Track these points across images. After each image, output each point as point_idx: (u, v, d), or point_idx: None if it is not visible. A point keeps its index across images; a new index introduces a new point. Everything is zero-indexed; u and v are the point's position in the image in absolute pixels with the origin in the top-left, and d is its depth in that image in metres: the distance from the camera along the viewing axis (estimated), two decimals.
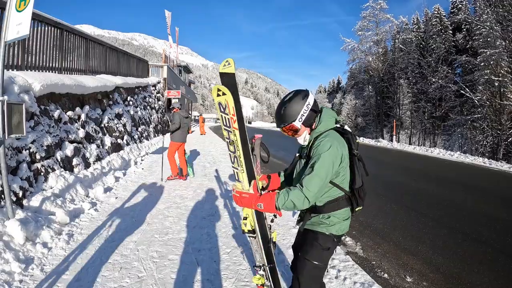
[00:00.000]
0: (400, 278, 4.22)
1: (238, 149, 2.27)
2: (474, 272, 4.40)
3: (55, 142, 7.24)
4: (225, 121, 2.23)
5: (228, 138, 2.27)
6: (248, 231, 2.49)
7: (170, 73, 29.21)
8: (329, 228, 2.39)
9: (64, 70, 10.08)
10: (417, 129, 40.35)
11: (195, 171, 10.47)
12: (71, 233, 5.16)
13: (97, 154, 9.38)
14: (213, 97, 2.18)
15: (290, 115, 2.35)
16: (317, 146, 2.28)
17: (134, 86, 17.32)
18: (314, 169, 2.19)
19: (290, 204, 2.18)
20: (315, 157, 2.25)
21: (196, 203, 7.11)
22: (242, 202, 2.32)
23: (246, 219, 2.48)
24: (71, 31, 10.53)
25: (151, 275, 3.93)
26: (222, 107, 2.18)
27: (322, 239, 2.40)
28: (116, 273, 3.97)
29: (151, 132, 19.28)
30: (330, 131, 2.39)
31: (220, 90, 2.11)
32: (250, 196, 2.29)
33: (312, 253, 2.41)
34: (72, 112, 8.58)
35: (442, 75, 35.35)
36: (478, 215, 6.84)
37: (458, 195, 8.57)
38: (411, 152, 19.86)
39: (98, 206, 6.64)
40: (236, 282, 3.83)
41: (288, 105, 2.36)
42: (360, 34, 43.97)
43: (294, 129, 2.39)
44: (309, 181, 2.17)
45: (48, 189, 6.28)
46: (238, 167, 2.34)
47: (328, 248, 2.42)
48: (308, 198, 2.16)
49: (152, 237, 5.15)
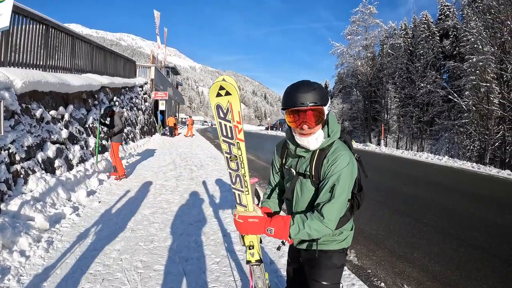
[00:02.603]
0: (397, 287, 4.08)
1: (243, 166, 1.82)
2: (472, 279, 4.30)
3: (36, 143, 6.95)
4: (225, 130, 1.74)
5: (228, 152, 1.81)
6: (256, 261, 2.05)
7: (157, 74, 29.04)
8: (341, 244, 2.14)
9: (49, 68, 9.79)
10: (404, 134, 40.55)
11: (182, 175, 10.39)
12: (51, 240, 4.86)
13: (80, 156, 9.07)
14: (210, 98, 1.68)
15: (323, 96, 1.86)
16: (334, 162, 1.90)
17: (120, 86, 17.12)
18: (336, 195, 1.86)
19: (305, 235, 1.88)
20: (333, 176, 1.88)
21: (183, 208, 6.87)
22: (249, 228, 1.93)
23: (252, 248, 2.03)
24: (57, 28, 10.24)
25: None
26: (222, 111, 1.68)
27: (337, 257, 2.14)
28: (98, 285, 3.69)
29: (137, 133, 19.05)
30: (337, 140, 2.02)
31: (224, 88, 1.61)
32: (260, 220, 1.92)
33: (327, 275, 2.11)
34: (55, 112, 8.27)
35: (430, 80, 35.54)
36: (471, 220, 6.79)
37: (450, 199, 8.49)
38: (399, 156, 19.98)
39: (81, 211, 6.35)
40: None
41: (319, 86, 1.89)
42: (349, 38, 43.99)
43: (318, 117, 1.87)
44: (331, 210, 1.85)
45: (28, 193, 5.99)
46: (242, 188, 1.90)
47: (341, 265, 2.17)
48: (331, 228, 1.88)
49: (136, 245, 4.88)
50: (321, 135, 1.94)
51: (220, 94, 1.63)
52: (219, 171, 11.45)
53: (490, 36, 27.87)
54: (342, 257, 2.16)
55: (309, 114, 1.85)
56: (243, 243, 2.06)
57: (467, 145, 30.17)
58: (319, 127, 1.91)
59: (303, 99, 1.82)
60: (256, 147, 22.26)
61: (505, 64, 26.85)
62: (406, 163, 16.70)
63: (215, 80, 1.64)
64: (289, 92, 1.90)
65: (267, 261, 4.35)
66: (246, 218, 1.92)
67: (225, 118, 1.71)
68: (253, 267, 2.08)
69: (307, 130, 1.88)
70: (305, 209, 2.06)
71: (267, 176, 2.94)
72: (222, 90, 1.62)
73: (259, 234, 1.97)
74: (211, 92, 1.65)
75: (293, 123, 1.91)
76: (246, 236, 2.02)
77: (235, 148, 1.78)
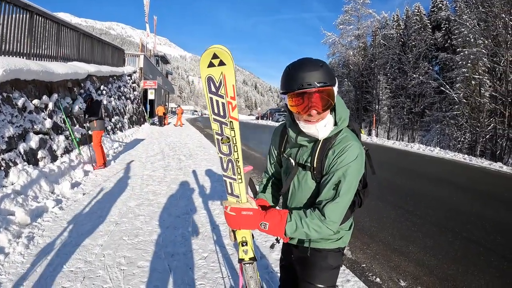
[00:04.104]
0: (393, 283, 3.96)
1: (237, 150, 1.57)
2: (469, 273, 4.21)
3: (18, 133, 6.70)
4: (217, 107, 1.48)
5: (220, 133, 1.55)
6: (250, 258, 1.80)
7: (146, 63, 28.77)
8: (337, 242, 1.91)
9: (34, 56, 9.53)
10: (395, 124, 40.63)
11: (170, 165, 10.31)
12: (32, 235, 4.64)
13: (65, 146, 8.80)
14: (201, 69, 1.41)
15: (331, 75, 1.58)
16: (341, 154, 1.65)
17: (108, 75, 16.85)
18: (341, 193, 1.62)
19: (302, 235, 1.65)
20: (339, 170, 1.63)
21: (171, 200, 6.67)
22: (242, 222, 1.68)
23: (245, 244, 1.79)
24: (42, 14, 9.94)
25: (118, 286, 3.46)
26: (214, 84, 1.43)
27: (332, 257, 1.91)
28: (78, 283, 3.48)
29: (126, 123, 18.79)
30: (345, 129, 1.76)
31: (218, 56, 1.36)
32: (255, 213, 1.67)
33: (322, 276, 1.90)
34: (38, 101, 8.00)
35: (422, 71, 35.59)
36: (466, 213, 6.70)
37: (443, 191, 8.43)
38: (390, 147, 19.94)
39: (64, 204, 6.11)
40: None
41: (325, 63, 1.60)
42: (341, 28, 43.50)
43: (326, 101, 1.57)
44: (335, 211, 1.62)
45: (9, 186, 5.75)
46: (235, 175, 1.65)
47: (337, 266, 1.96)
48: (333, 230, 1.65)
49: (120, 239, 4.67)
50: (331, 121, 1.68)
51: (212, 64, 1.38)
52: (208, 160, 11.28)
53: (483, 29, 27.90)
54: (339, 257, 1.95)
55: (316, 97, 1.55)
56: (234, 238, 1.81)
57: (458, 136, 30.42)
58: (327, 112, 1.64)
59: (309, 78, 1.53)
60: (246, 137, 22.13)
61: (498, 57, 26.91)
62: (397, 154, 16.67)
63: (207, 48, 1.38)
64: (291, 72, 1.60)
65: (257, 256, 4.18)
66: (240, 211, 1.67)
67: (217, 93, 1.45)
68: (245, 266, 1.83)
69: (316, 115, 1.60)
70: (302, 206, 1.84)
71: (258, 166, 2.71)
72: (216, 59, 1.37)
73: (252, 229, 1.72)
74: (202, 61, 1.39)
75: (297, 108, 1.61)
76: (238, 231, 1.77)
77: (228, 128, 1.52)
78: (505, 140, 26.25)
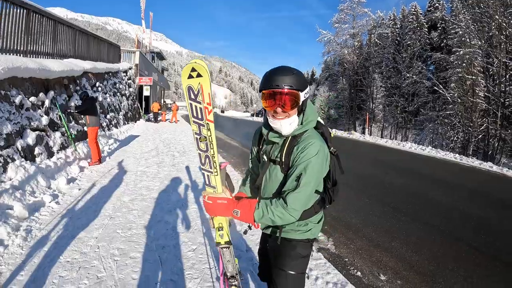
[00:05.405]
0: (373, 276, 4.16)
1: (212, 147, 1.89)
2: (448, 269, 4.39)
3: (15, 130, 6.87)
4: (195, 111, 1.79)
5: (198, 133, 1.86)
6: (225, 242, 2.09)
7: (142, 59, 28.79)
8: (306, 234, 2.14)
9: (30, 53, 9.66)
10: (389, 123, 40.80)
11: (164, 161, 10.48)
12: (30, 228, 4.84)
13: (61, 143, 8.97)
14: (182, 80, 1.72)
15: (300, 82, 1.89)
16: (303, 150, 1.91)
17: (104, 71, 16.96)
18: (302, 184, 1.86)
19: (268, 221, 1.90)
20: (301, 164, 1.89)
21: (163, 195, 6.88)
22: (218, 210, 1.97)
23: (221, 229, 2.07)
24: (39, 12, 10.03)
25: (111, 275, 3.69)
26: (193, 92, 1.74)
27: (301, 247, 2.16)
28: (74, 273, 3.70)
29: (121, 119, 18.92)
30: (311, 129, 2.03)
31: (195, 70, 1.67)
32: (228, 201, 1.95)
33: (291, 263, 2.15)
34: (35, 98, 8.15)
35: (416, 71, 35.79)
36: (452, 211, 6.85)
37: (431, 190, 8.57)
38: (383, 145, 20.01)
39: (60, 199, 6.31)
40: (201, 283, 3.63)
41: (298, 72, 1.92)
42: (336, 26, 43.44)
43: (293, 102, 1.89)
44: (296, 199, 1.86)
45: (7, 181, 5.93)
46: (211, 168, 1.96)
47: (306, 255, 2.20)
48: (294, 217, 1.89)
49: (114, 232, 4.89)
50: (296, 121, 1.96)
51: (191, 76, 1.69)
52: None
53: (478, 29, 28.14)
54: (307, 247, 2.19)
55: (284, 98, 1.87)
56: (213, 225, 2.09)
57: (451, 136, 30.63)
58: (294, 112, 1.93)
59: (279, 81, 1.85)
60: (239, 134, 22.30)
61: (492, 58, 27.20)
62: (389, 152, 16.79)
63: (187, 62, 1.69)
64: (267, 75, 1.92)
65: (244, 249, 4.41)
66: (215, 199, 1.96)
67: (196, 100, 1.76)
68: (223, 250, 2.12)
69: (281, 113, 1.90)
70: (272, 196, 2.08)
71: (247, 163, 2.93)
72: (194, 72, 1.68)
73: (226, 216, 2.01)
74: (183, 74, 1.70)
75: (268, 107, 1.93)
76: (215, 218, 2.06)
77: (205, 129, 1.83)
78: (497, 140, 26.57)
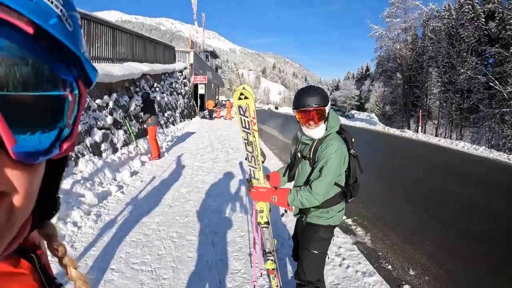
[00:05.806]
0: (403, 271, 4.32)
1: (256, 150, 2.44)
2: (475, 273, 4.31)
3: (84, 129, 7.71)
4: (244, 123, 2.37)
5: (246, 139, 2.43)
6: (265, 222, 2.69)
7: (196, 59, 29.35)
8: (327, 221, 2.64)
9: (92, 59, 10.47)
10: (445, 120, 38.94)
11: (218, 157, 10.95)
12: (99, 213, 5.57)
13: (124, 140, 9.82)
14: (234, 100, 2.33)
15: (325, 99, 2.43)
16: (325, 149, 2.45)
17: (160, 72, 17.64)
18: (323, 174, 2.40)
19: (298, 203, 2.46)
20: (323, 159, 2.43)
21: (217, 188, 7.38)
22: (260, 196, 2.55)
23: (262, 212, 2.68)
24: (98, 21, 10.93)
25: (170, 253, 4.29)
26: (242, 110, 2.32)
27: (322, 231, 2.65)
28: (138, 250, 4.34)
29: (177, 117, 19.71)
30: (333, 133, 2.57)
31: (243, 94, 2.26)
32: (268, 190, 2.53)
33: (314, 244, 2.65)
34: (100, 100, 9.01)
35: (471, 66, 33.55)
36: (494, 217, 6.41)
37: (474, 192, 8.15)
38: (434, 144, 18.89)
39: (125, 189, 7.03)
40: (246, 263, 4.12)
41: (322, 91, 2.48)
42: (388, 21, 42.28)
43: (321, 115, 2.44)
44: (318, 186, 2.39)
45: (78, 173, 6.73)
46: (256, 165, 2.52)
47: (327, 238, 2.68)
48: (318, 200, 2.42)
49: (173, 218, 5.50)
50: (323, 128, 2.51)
51: (241, 98, 2.28)
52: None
53: None
54: (328, 232, 2.70)
55: (313, 113, 2.44)
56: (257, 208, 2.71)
57: (508, 135, 28.66)
58: (321, 122, 2.47)
59: (309, 102, 2.42)
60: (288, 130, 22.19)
61: None
62: (440, 152, 15.74)
63: (237, 88, 2.34)
64: (298, 96, 2.51)
65: (286, 238, 4.85)
66: (258, 188, 2.55)
67: (244, 115, 2.34)
68: (263, 229, 2.73)
69: (313, 125, 2.47)
70: (302, 184, 2.63)
71: None
72: (242, 95, 2.27)
73: (266, 201, 2.59)
74: (235, 96, 2.29)
75: (301, 120, 2.50)
76: (257, 203, 2.67)
77: (251, 136, 2.41)
78: None
